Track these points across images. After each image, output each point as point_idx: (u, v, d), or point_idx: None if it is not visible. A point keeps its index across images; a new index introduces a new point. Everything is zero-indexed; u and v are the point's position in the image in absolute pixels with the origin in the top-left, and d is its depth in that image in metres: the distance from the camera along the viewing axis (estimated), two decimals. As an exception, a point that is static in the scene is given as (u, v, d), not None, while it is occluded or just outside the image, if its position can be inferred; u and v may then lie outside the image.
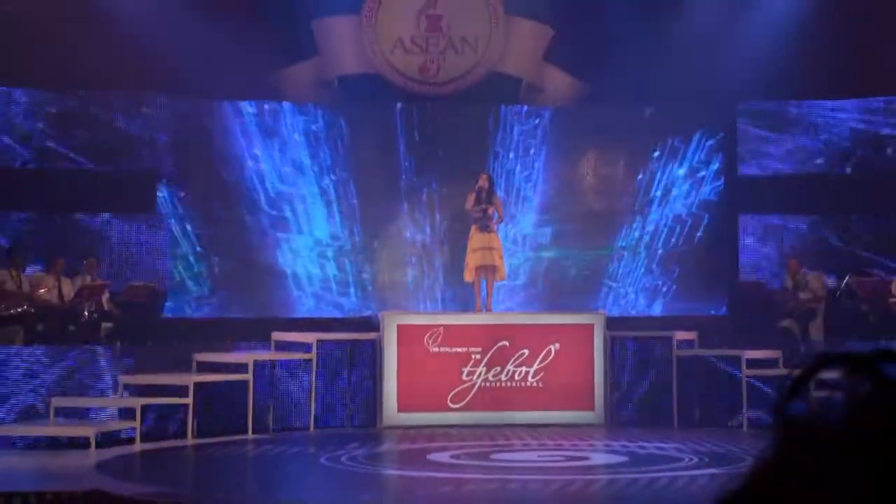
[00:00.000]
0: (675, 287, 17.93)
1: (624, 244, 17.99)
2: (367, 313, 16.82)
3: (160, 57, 16.25)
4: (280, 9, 16.88)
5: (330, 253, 17.77)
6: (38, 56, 16.18)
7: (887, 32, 16.78)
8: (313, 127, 17.62)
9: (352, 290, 17.67)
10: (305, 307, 17.53)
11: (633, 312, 17.57)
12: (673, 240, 17.93)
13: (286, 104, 17.71)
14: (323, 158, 17.58)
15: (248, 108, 17.58)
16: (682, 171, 17.97)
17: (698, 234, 17.95)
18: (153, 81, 16.83)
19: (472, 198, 15.92)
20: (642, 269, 17.94)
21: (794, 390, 0.80)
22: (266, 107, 17.64)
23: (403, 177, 17.66)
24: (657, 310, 17.79)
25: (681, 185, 17.97)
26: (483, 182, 15.88)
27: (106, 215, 17.17)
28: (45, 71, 16.46)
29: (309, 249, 17.73)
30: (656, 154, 17.94)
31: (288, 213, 17.66)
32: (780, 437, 0.80)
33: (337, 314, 17.18)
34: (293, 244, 17.73)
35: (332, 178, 17.61)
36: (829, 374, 0.80)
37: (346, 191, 17.62)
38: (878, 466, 0.74)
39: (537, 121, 17.91)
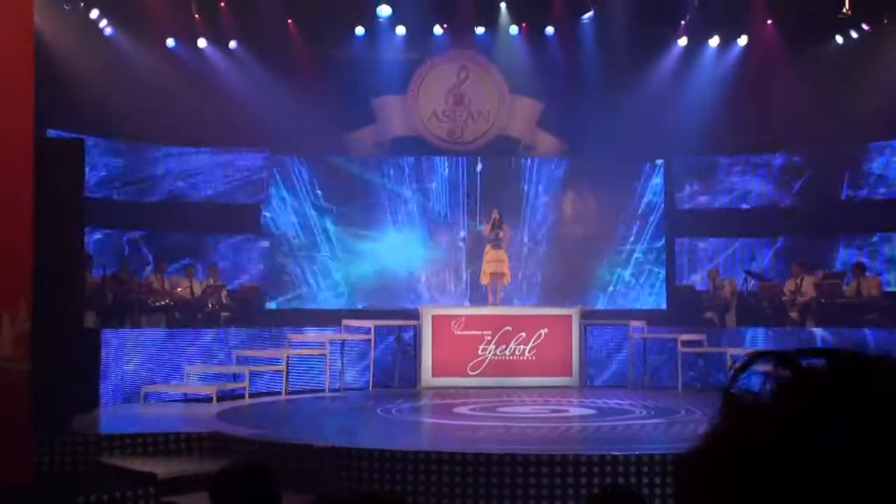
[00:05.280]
0: (634, 288, 17.78)
1: (606, 258, 17.71)
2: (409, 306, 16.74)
3: (260, 123, 16.41)
4: (349, 90, 17.08)
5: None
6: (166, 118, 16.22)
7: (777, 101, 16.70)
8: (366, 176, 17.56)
9: (401, 289, 17.56)
10: (368, 300, 17.38)
11: (601, 307, 17.36)
12: (633, 256, 17.75)
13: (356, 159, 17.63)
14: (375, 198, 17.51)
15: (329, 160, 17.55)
16: (635, 204, 17.81)
17: (649, 251, 17.80)
18: (255, 140, 16.96)
19: (488, 226, 16.04)
20: (609, 275, 17.77)
21: (737, 377, 0.80)
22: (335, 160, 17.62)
23: (438, 209, 17.62)
24: (620, 304, 17.53)
25: (635, 216, 17.82)
26: (495, 215, 15.96)
27: (227, 235, 17.26)
28: (187, 129, 16.52)
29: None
30: (618, 191, 17.77)
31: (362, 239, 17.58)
32: (725, 410, 0.79)
33: (390, 307, 17.04)
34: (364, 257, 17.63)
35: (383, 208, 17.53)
36: (762, 366, 0.80)
37: (382, 221, 17.55)
38: (793, 430, 0.74)
39: (535, 168, 17.82)
